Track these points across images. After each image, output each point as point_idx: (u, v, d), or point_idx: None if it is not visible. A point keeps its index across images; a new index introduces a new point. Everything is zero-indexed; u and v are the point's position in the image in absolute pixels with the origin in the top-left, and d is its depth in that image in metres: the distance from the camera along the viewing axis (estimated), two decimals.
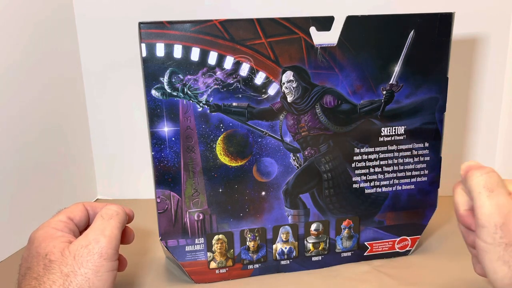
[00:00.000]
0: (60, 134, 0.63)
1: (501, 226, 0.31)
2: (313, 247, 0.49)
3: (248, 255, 0.48)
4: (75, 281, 0.34)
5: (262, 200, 0.47)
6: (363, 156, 0.48)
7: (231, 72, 0.43)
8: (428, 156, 0.49)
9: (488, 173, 0.33)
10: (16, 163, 0.54)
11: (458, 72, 0.62)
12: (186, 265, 0.47)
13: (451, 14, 0.46)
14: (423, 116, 0.48)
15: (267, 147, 0.46)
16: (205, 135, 0.44)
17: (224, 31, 0.42)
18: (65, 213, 0.40)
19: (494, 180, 0.32)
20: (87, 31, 0.66)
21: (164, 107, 0.43)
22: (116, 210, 0.40)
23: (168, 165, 0.44)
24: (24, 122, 0.56)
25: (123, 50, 0.65)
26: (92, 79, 0.68)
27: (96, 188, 0.73)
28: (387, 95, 0.46)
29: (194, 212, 0.46)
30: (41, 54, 0.58)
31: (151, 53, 0.41)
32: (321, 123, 0.46)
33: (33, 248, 0.36)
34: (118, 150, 0.71)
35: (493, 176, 0.33)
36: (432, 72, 0.47)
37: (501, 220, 0.31)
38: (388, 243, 0.51)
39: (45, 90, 0.59)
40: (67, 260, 0.35)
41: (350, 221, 0.49)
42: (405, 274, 0.48)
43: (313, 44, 0.44)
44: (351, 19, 0.44)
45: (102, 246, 0.36)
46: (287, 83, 0.44)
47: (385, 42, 0.45)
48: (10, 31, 0.53)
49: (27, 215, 0.56)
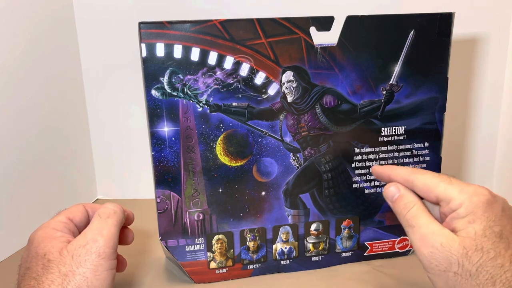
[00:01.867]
0: (60, 134, 0.63)
1: (431, 255, 0.32)
2: (313, 247, 0.49)
3: (248, 255, 0.48)
4: (73, 281, 0.34)
5: (262, 200, 0.47)
6: (363, 156, 0.48)
7: (231, 72, 0.43)
8: (428, 156, 0.49)
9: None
10: (16, 163, 0.54)
11: (458, 72, 0.62)
12: (186, 265, 0.47)
13: (451, 14, 0.46)
14: (423, 116, 0.48)
15: (267, 147, 0.46)
16: (205, 135, 0.44)
17: (224, 31, 0.42)
18: (65, 214, 0.40)
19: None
20: (87, 31, 0.66)
21: (164, 107, 0.43)
22: (113, 209, 0.40)
23: (168, 165, 0.44)
24: (24, 122, 0.56)
25: (123, 50, 0.65)
26: (92, 79, 0.68)
27: (96, 188, 0.73)
28: (387, 95, 0.46)
29: (194, 212, 0.46)
30: (41, 54, 0.58)
31: (151, 53, 0.41)
32: (321, 123, 0.46)
33: (32, 249, 0.37)
34: (118, 150, 0.71)
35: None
36: (432, 72, 0.47)
37: (427, 250, 0.33)
38: (388, 243, 0.51)
39: (45, 90, 0.59)
40: (65, 259, 0.35)
41: (350, 221, 0.49)
42: (405, 274, 0.48)
43: (313, 44, 0.44)
44: (351, 19, 0.44)
45: (100, 245, 0.36)
46: (287, 83, 0.44)
47: (385, 42, 0.45)
48: (10, 31, 0.53)
49: (27, 215, 0.56)
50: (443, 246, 0.32)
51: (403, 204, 0.36)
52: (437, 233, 0.33)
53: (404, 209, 0.35)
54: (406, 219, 0.35)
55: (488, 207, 0.32)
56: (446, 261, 0.32)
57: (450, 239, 0.32)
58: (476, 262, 0.31)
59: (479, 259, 0.31)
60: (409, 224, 0.35)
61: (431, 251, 0.32)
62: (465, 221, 0.32)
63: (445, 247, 0.32)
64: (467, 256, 0.31)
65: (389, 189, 0.37)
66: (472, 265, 0.31)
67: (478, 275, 0.31)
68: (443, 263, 0.32)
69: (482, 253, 0.31)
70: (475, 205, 0.32)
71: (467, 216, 0.32)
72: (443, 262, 0.32)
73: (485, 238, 0.31)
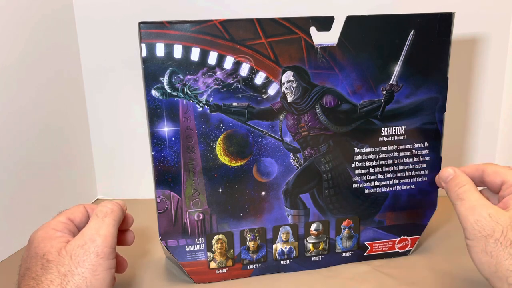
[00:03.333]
0: (60, 134, 0.63)
1: (476, 222, 0.36)
2: (313, 247, 0.49)
3: (248, 255, 0.48)
4: (72, 281, 0.34)
5: (262, 200, 0.47)
6: (363, 156, 0.48)
7: (231, 72, 0.43)
8: (428, 156, 0.49)
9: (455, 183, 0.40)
10: (16, 163, 0.54)
11: (458, 72, 0.62)
12: (186, 265, 0.47)
13: (451, 14, 0.46)
14: (423, 116, 0.48)
15: (267, 147, 0.46)
16: (205, 135, 0.44)
17: (224, 31, 0.42)
18: (65, 214, 0.40)
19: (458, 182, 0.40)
20: (87, 31, 0.66)
21: (164, 107, 0.43)
22: (110, 208, 0.40)
23: (168, 165, 0.44)
24: (24, 122, 0.56)
25: (123, 50, 0.65)
26: (92, 79, 0.68)
27: (96, 188, 0.73)
28: (387, 95, 0.46)
29: (194, 212, 0.46)
30: (41, 54, 0.58)
31: (151, 53, 0.41)
32: (321, 123, 0.46)
33: (32, 249, 0.37)
34: (118, 150, 0.71)
35: (458, 181, 0.40)
36: (432, 72, 0.47)
37: (474, 218, 0.36)
38: (388, 243, 0.51)
39: (45, 90, 0.59)
40: (64, 260, 0.35)
41: (350, 221, 0.49)
42: (405, 274, 0.48)
43: (313, 44, 0.44)
44: (351, 19, 0.44)
45: (98, 245, 0.36)
46: (287, 83, 0.44)
47: (385, 42, 0.45)
48: (10, 31, 0.53)
49: (27, 215, 0.56)
50: (491, 216, 0.36)
51: (457, 182, 0.39)
52: (487, 206, 0.36)
53: (457, 185, 0.39)
54: (458, 193, 0.38)
55: None
56: (490, 229, 0.35)
57: (499, 212, 0.36)
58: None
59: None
60: (460, 197, 0.38)
61: (477, 219, 0.36)
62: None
63: (493, 217, 0.35)
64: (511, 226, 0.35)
65: (446, 170, 0.41)
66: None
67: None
68: (487, 230, 0.35)
69: None
70: None
71: None
72: (487, 229, 0.35)
73: None
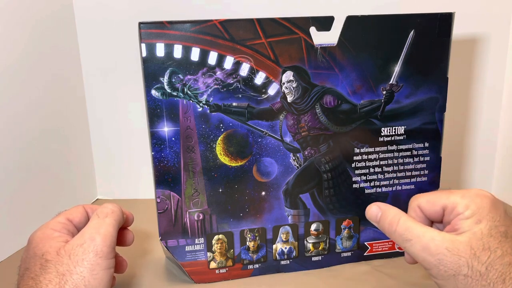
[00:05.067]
0: (60, 134, 0.63)
1: (439, 262, 0.32)
2: (313, 247, 0.49)
3: (248, 255, 0.48)
4: (70, 280, 0.34)
5: (262, 200, 0.47)
6: (363, 156, 0.48)
7: (231, 72, 0.43)
8: (428, 156, 0.49)
9: None
10: (16, 163, 0.54)
11: (458, 72, 0.62)
12: (186, 265, 0.47)
13: (451, 14, 0.46)
14: (423, 116, 0.48)
15: (267, 147, 0.46)
16: (205, 135, 0.44)
17: (224, 31, 0.42)
18: (65, 214, 0.40)
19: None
20: (87, 31, 0.66)
21: (164, 107, 0.43)
22: (111, 209, 0.40)
23: (168, 165, 0.44)
24: (24, 123, 0.56)
25: (123, 50, 0.65)
26: (92, 79, 0.68)
27: (96, 188, 0.73)
28: (387, 95, 0.46)
29: (194, 212, 0.46)
30: (41, 54, 0.58)
31: (151, 53, 0.41)
32: (321, 123, 0.46)
33: (31, 249, 0.37)
34: (118, 150, 0.71)
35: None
36: (432, 72, 0.47)
37: (434, 258, 0.32)
38: (388, 243, 0.51)
39: (45, 91, 0.59)
40: (62, 259, 0.35)
41: (350, 221, 0.49)
42: (405, 274, 0.48)
43: (313, 44, 0.44)
44: (351, 19, 0.44)
45: (97, 244, 0.36)
46: (287, 83, 0.44)
47: (385, 42, 0.45)
48: (10, 31, 0.53)
49: (27, 215, 0.56)
50: (450, 251, 0.31)
51: (389, 221, 0.35)
52: (438, 239, 0.32)
53: (392, 225, 0.35)
54: (399, 234, 0.34)
55: (492, 207, 0.32)
56: (455, 265, 0.31)
57: (454, 242, 0.32)
58: (485, 261, 0.31)
59: (487, 258, 0.31)
60: (405, 238, 0.34)
61: (438, 259, 0.32)
62: (471, 221, 0.32)
63: (452, 251, 0.31)
64: (475, 256, 0.31)
65: (371, 209, 0.37)
66: (482, 265, 0.31)
67: (488, 274, 0.31)
68: (452, 268, 0.31)
69: (490, 252, 0.31)
70: (479, 205, 0.32)
71: (472, 217, 0.32)
72: (452, 266, 0.31)
73: (491, 237, 0.31)
